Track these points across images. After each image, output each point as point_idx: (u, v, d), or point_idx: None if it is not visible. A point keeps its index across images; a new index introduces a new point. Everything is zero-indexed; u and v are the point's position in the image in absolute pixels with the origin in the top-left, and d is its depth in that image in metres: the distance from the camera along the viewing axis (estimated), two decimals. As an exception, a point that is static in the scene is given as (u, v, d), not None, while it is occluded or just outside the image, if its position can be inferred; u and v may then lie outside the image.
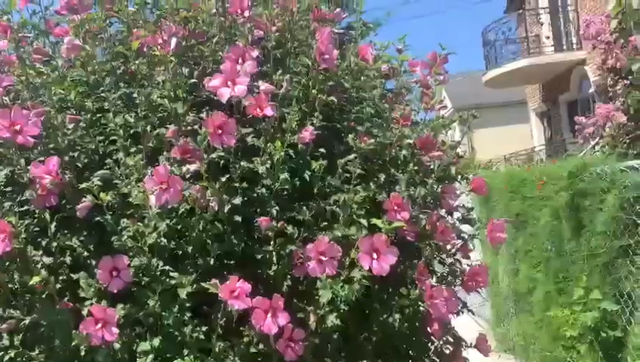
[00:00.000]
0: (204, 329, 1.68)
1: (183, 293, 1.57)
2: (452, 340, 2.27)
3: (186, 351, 1.67)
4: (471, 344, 2.33)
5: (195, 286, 1.61)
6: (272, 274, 1.79)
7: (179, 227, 1.77)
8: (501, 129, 20.38)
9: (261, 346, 1.73)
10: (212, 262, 1.76)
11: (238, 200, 1.71)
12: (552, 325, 4.06)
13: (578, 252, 3.83)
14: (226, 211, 1.73)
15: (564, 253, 4.06)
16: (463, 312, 2.37)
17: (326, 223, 1.93)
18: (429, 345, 2.30)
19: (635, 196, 3.26)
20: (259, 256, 1.79)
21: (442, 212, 2.25)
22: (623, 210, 3.31)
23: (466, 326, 3.06)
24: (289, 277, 1.83)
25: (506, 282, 5.33)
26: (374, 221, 1.73)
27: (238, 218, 1.81)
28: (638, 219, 3.16)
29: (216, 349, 1.63)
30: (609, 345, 3.50)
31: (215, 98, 1.84)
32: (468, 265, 2.31)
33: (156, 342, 1.68)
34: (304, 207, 1.90)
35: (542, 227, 4.35)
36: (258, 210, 1.87)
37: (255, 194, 1.86)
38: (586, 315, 3.58)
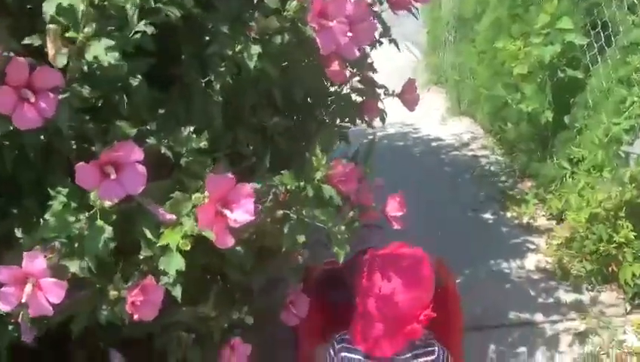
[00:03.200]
0: None
1: None
2: (363, 87, 1.48)
3: None
4: (393, 92, 1.57)
5: None
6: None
7: None
8: None
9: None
10: None
11: None
12: (496, 59, 3.33)
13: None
14: None
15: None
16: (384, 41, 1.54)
17: None
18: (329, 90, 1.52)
19: None
20: None
21: None
22: None
23: (396, 56, 2.32)
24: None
25: (450, 5, 4.44)
26: None
27: None
28: None
29: None
30: (563, 86, 2.87)
31: None
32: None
33: None
34: None
35: None
36: None
37: None
38: (544, 49, 2.84)
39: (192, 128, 1.00)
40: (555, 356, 2.07)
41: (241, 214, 0.95)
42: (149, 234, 0.97)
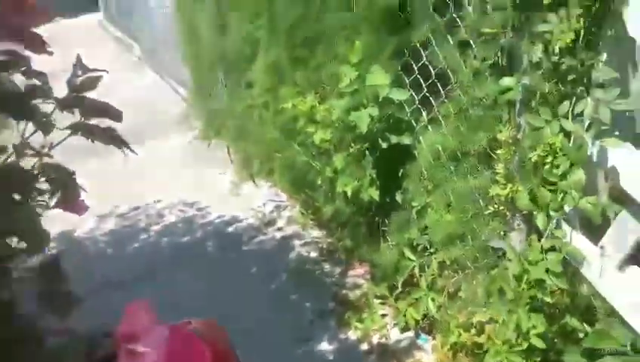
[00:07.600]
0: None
1: None
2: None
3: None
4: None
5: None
6: None
7: None
8: None
9: None
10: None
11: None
12: (281, 115, 2.49)
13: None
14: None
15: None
16: None
17: None
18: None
19: None
20: None
21: None
22: None
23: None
24: None
25: (211, 39, 3.48)
26: None
27: None
28: None
29: None
30: (386, 155, 2.11)
31: None
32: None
33: None
34: None
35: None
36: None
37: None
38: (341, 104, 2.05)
39: None
40: None
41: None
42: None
